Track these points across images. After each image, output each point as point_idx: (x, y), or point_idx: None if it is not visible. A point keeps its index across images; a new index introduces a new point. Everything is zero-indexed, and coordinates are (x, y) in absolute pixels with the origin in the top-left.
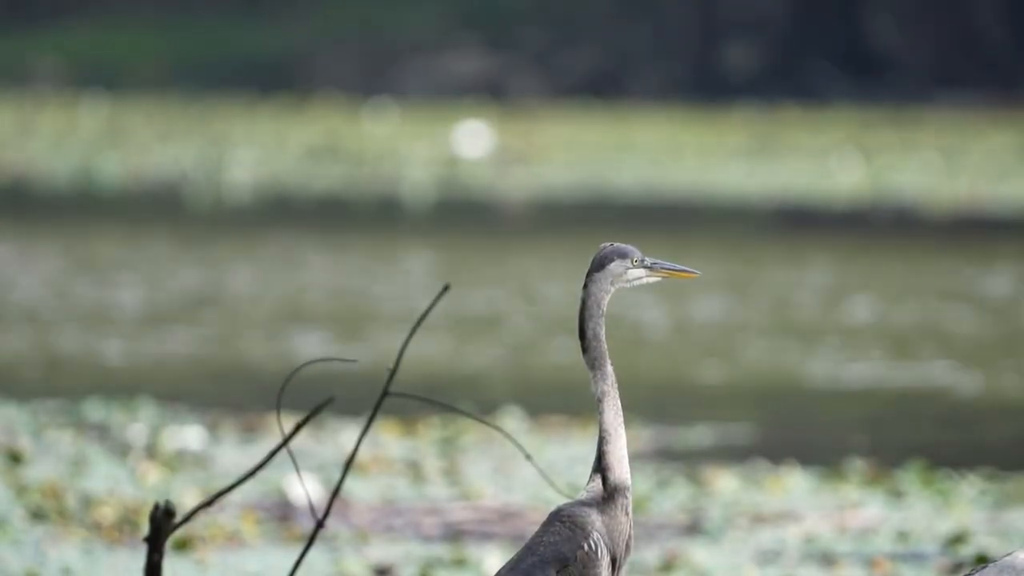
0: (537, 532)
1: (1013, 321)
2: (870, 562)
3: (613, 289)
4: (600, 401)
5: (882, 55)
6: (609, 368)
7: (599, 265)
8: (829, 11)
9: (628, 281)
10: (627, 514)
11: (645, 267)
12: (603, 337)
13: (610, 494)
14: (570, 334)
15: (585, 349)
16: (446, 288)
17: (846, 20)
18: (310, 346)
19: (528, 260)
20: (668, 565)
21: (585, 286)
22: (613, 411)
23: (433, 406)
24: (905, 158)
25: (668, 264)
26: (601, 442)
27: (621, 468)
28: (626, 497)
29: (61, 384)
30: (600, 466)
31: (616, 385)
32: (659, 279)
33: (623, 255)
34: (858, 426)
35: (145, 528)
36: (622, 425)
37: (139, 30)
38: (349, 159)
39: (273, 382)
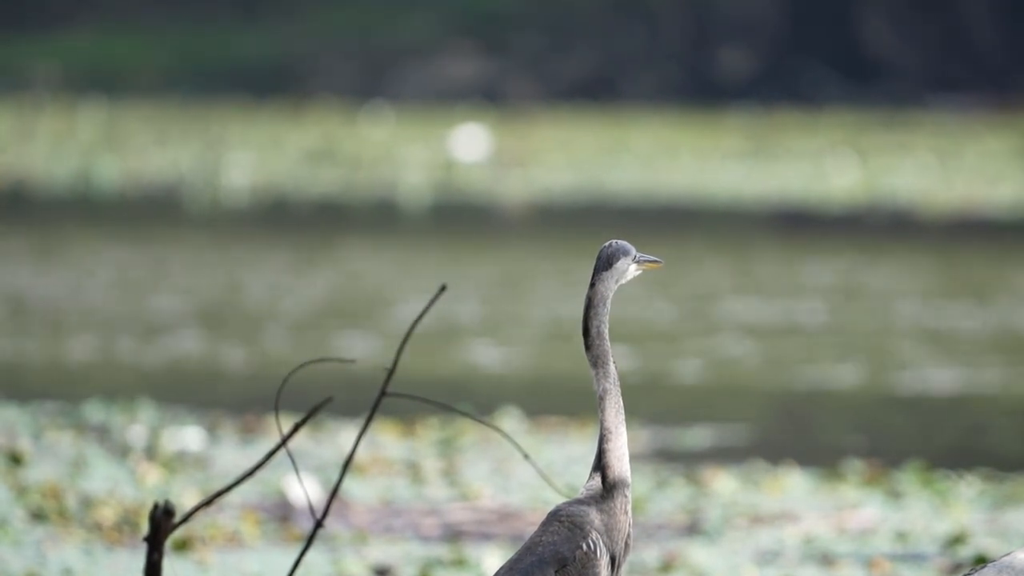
0: (536, 532)
1: (1010, 321)
2: (869, 562)
3: (616, 286)
4: (602, 399)
5: (876, 58)
6: (612, 366)
7: (607, 263)
8: (823, 14)
9: (626, 277)
10: (626, 513)
11: (636, 263)
12: (607, 335)
13: (609, 492)
14: (567, 335)
15: (588, 346)
16: (443, 289)
17: (840, 23)
18: (308, 347)
19: (525, 262)
20: (667, 566)
21: (592, 284)
22: (614, 409)
23: (431, 406)
24: (900, 161)
25: (647, 257)
26: (601, 440)
27: (621, 466)
28: (625, 495)
29: (61, 386)
30: (600, 464)
31: (618, 383)
32: (640, 272)
33: (626, 252)
34: (856, 427)
35: (145, 529)
36: (623, 423)
37: (137, 35)
38: (346, 163)
39: (271, 383)
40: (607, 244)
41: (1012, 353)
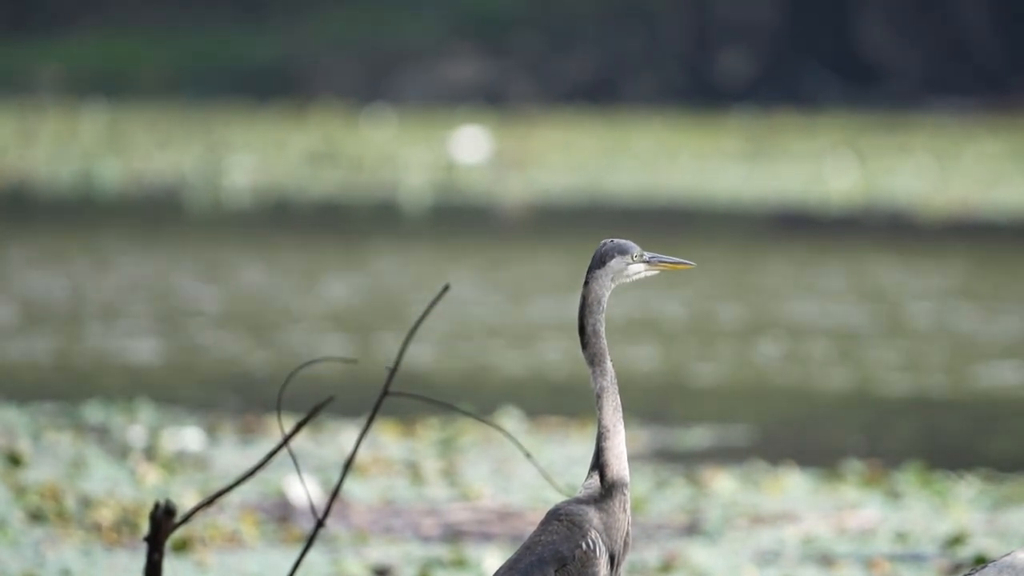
0: (535, 531)
1: (1010, 322)
2: (869, 563)
3: (613, 285)
4: (599, 397)
5: (875, 61)
6: (608, 365)
7: (600, 262)
8: (822, 17)
9: (628, 276)
10: (625, 511)
11: (644, 262)
12: (603, 334)
13: (608, 490)
14: (568, 336)
15: (585, 345)
16: (446, 288)
17: (839, 26)
18: (309, 347)
19: (525, 264)
20: (667, 566)
21: (586, 283)
22: (612, 407)
23: (432, 407)
24: (899, 163)
25: (666, 257)
26: (600, 438)
27: (620, 464)
28: (624, 494)
29: (61, 386)
30: (598, 463)
31: (615, 382)
32: (657, 272)
33: (623, 251)
34: (856, 427)
35: (144, 529)
36: (621, 421)
37: (139, 38)
38: (348, 164)
39: (272, 383)
40: (602, 243)
41: (1013, 354)
